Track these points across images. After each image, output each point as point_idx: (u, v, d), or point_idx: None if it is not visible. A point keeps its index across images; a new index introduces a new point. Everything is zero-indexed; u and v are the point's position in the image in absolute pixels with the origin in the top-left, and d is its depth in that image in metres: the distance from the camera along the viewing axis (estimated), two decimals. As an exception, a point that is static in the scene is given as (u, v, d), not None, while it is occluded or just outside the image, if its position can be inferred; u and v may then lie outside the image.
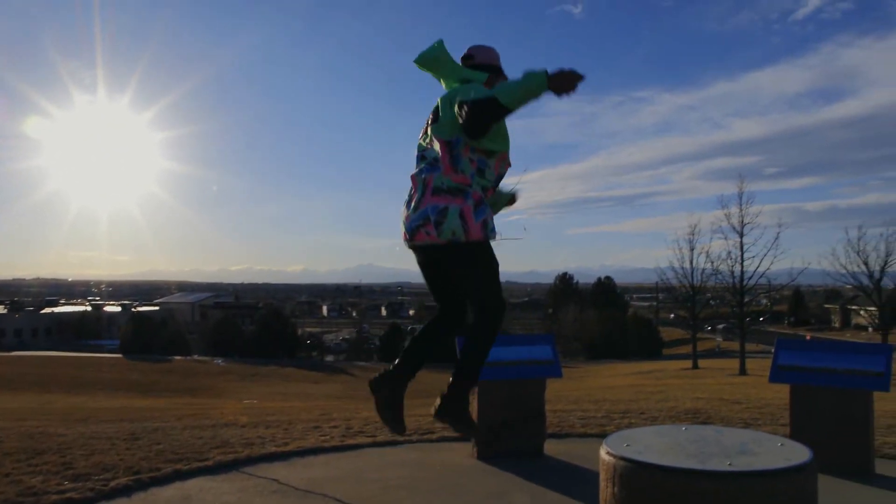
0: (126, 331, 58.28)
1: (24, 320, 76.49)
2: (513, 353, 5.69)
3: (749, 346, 37.87)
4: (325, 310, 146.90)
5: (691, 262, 38.99)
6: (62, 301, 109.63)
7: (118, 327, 68.29)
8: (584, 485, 4.59)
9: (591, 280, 79.19)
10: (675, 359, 52.25)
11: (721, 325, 63.12)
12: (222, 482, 4.85)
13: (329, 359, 63.69)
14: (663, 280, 41.55)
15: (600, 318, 61.61)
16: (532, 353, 5.81)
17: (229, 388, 32.99)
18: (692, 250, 39.01)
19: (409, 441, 6.40)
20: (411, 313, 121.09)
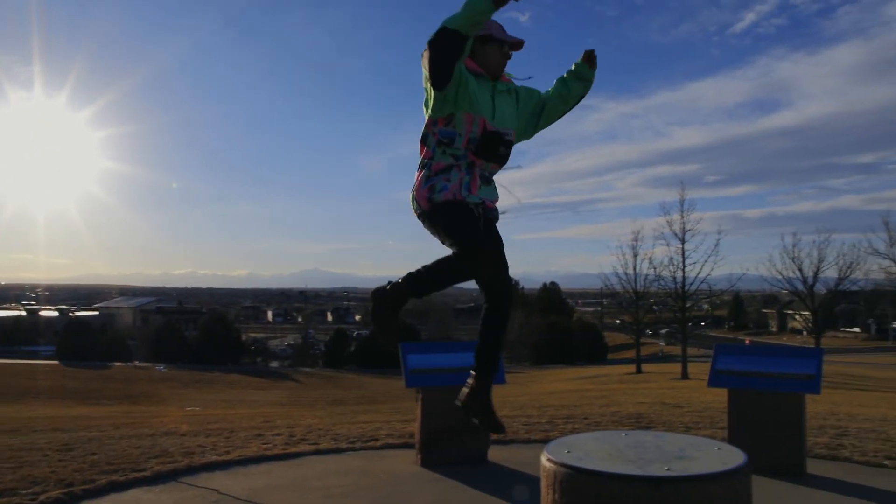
0: (63, 336, 56.58)
1: (-47, 326, 73.71)
2: (456, 360, 5.68)
3: (691, 351, 38.70)
4: (269, 315, 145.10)
5: (635, 268, 39.64)
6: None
7: (54, 333, 66.25)
8: (527, 491, 4.61)
9: (537, 286, 79.94)
10: (619, 363, 53.07)
11: (664, 330, 64.24)
12: (160, 493, 4.73)
13: (274, 365, 62.83)
14: (607, 286, 42.08)
15: (546, 323, 62.19)
16: (470, 359, 5.79)
17: (171, 396, 32.35)
18: (635, 256, 39.69)
19: (353, 449, 6.35)
20: (357, 318, 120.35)
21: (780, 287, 39.57)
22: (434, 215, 3.31)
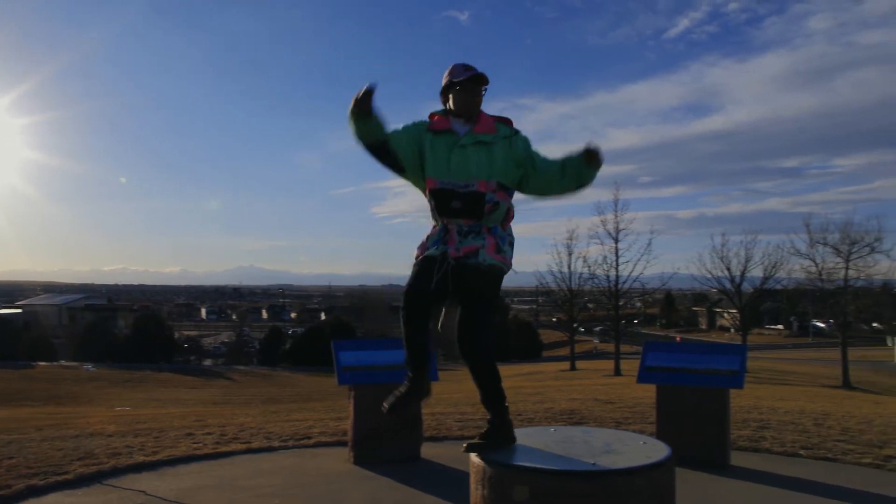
0: (-17, 335, 54.30)
1: None
2: (389, 357, 5.68)
3: (624, 348, 39.38)
4: (203, 312, 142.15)
5: (569, 267, 40.09)
6: None
7: (-26, 331, 63.51)
8: (458, 488, 4.64)
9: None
10: (554, 360, 53.66)
11: (598, 328, 65.33)
12: (83, 496, 4.61)
13: (207, 363, 61.55)
14: (543, 284, 42.45)
15: (482, 321, 62.42)
16: (408, 356, 5.81)
17: (100, 396, 31.38)
18: (570, 255, 40.12)
19: (285, 447, 6.30)
20: (293, 316, 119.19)
21: (709, 286, 40.56)
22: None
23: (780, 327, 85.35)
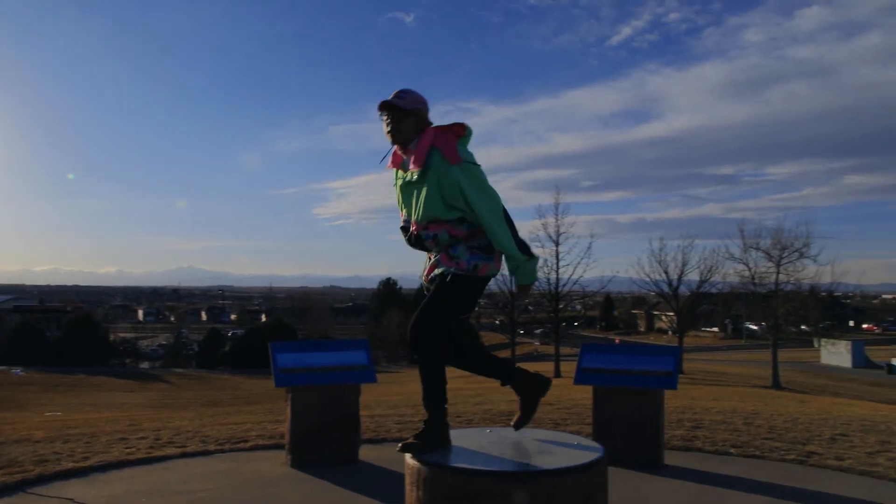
0: None
1: None
2: (327, 359, 5.66)
3: (564, 350, 39.98)
4: (140, 314, 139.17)
5: (510, 270, 40.39)
6: None
7: None
8: (396, 490, 4.64)
9: (415, 285, 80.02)
10: (495, 362, 53.93)
11: (538, 330, 66.06)
12: (6, 505, 4.46)
13: (144, 366, 60.28)
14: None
15: (424, 323, 62.42)
16: (346, 358, 5.80)
17: (30, 401, 30.37)
18: (511, 258, 40.41)
19: (221, 451, 6.21)
20: (233, 318, 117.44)
21: (647, 289, 41.44)
22: None
23: (716, 330, 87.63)
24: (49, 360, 51.59)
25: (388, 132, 3.44)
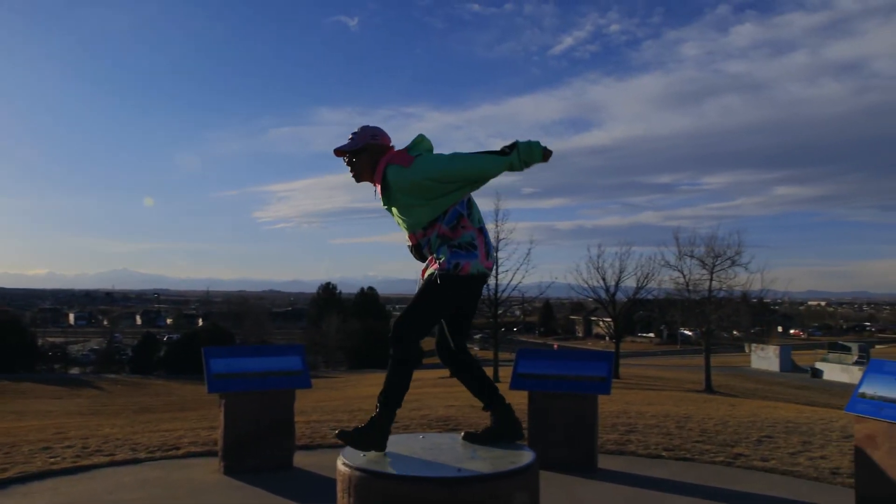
0: None
1: None
2: (261, 364, 5.59)
3: (503, 355, 40.09)
4: (71, 318, 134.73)
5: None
6: None
7: None
8: (328, 497, 4.59)
9: (355, 290, 79.45)
10: (433, 368, 53.93)
11: (477, 335, 66.29)
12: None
13: (74, 371, 58.36)
14: (424, 291, 42.71)
15: (363, 327, 62.09)
16: (281, 363, 5.74)
17: (-52, 408, 29.10)
18: (450, 263, 40.52)
19: (152, 458, 6.07)
20: (169, 322, 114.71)
21: (585, 295, 41.94)
22: None
23: (652, 335, 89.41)
24: (-30, 365, 49.51)
25: (352, 176, 3.58)
